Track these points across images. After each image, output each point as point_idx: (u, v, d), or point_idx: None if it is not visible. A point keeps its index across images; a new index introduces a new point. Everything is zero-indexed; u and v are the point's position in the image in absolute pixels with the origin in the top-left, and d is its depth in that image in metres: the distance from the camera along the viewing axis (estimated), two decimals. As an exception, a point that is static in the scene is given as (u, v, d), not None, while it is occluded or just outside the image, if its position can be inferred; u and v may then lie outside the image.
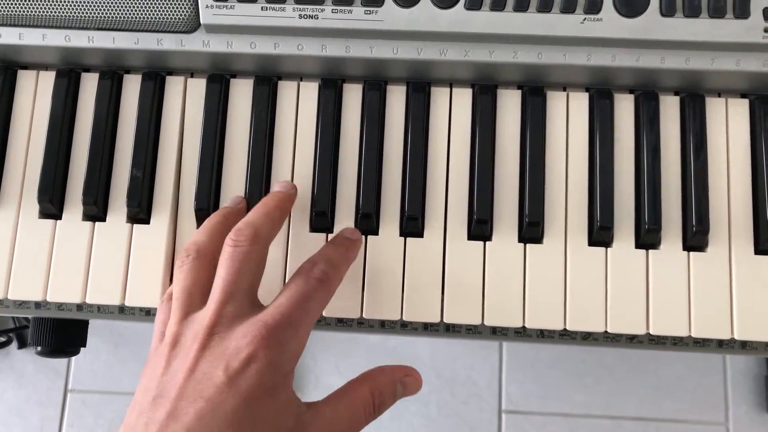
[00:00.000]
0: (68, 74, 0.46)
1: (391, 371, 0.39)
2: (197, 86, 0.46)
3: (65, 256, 0.44)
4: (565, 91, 0.45)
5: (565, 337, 0.44)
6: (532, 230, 0.43)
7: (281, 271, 0.43)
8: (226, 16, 0.42)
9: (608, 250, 0.43)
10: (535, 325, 0.42)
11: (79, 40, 0.44)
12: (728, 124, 0.44)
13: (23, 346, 1.03)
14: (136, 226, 0.44)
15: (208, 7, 0.42)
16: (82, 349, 0.65)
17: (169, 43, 0.43)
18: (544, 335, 0.44)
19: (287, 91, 0.46)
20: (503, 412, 1.01)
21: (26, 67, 0.47)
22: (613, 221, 0.43)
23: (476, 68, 0.44)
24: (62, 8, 0.43)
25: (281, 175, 0.45)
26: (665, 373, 1.01)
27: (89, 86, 0.46)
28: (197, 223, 0.44)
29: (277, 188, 0.43)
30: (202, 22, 0.43)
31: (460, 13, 0.42)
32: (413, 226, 0.43)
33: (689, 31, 0.41)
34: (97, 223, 0.44)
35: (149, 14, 0.43)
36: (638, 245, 0.43)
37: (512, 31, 0.42)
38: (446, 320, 0.42)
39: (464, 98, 0.45)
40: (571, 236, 0.43)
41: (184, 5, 0.43)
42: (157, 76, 0.46)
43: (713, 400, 1.00)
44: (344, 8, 0.42)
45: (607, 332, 0.43)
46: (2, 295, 0.44)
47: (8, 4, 0.43)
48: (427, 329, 0.44)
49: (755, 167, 0.44)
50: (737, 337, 0.42)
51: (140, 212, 0.44)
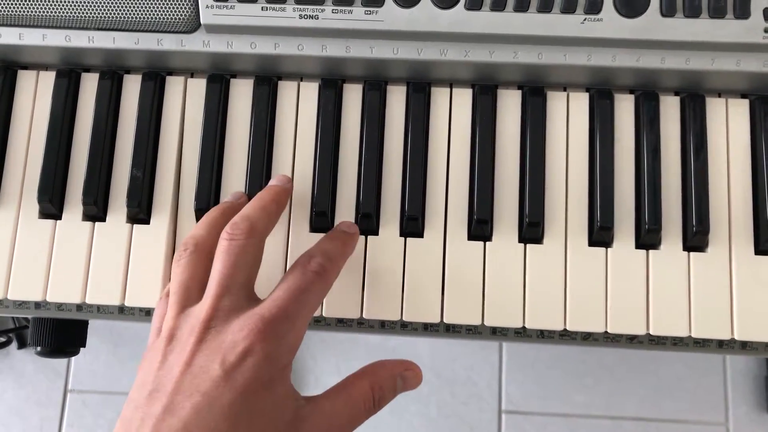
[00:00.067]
0: (68, 74, 0.46)
1: (391, 365, 0.39)
2: (197, 86, 0.46)
3: (65, 256, 0.44)
4: (565, 91, 0.45)
5: (565, 337, 0.44)
6: (532, 230, 0.43)
7: (281, 270, 0.43)
8: (226, 16, 0.42)
9: (608, 250, 0.43)
10: (535, 325, 0.42)
11: (79, 40, 0.44)
12: (728, 124, 0.44)
13: (23, 346, 1.03)
14: (136, 226, 0.44)
15: (208, 7, 0.42)
16: (81, 349, 0.65)
17: (169, 43, 0.43)
18: (544, 335, 0.44)
19: (287, 91, 0.46)
20: (503, 412, 1.01)
21: (26, 67, 0.47)
22: (613, 221, 0.43)
23: (476, 68, 0.44)
24: (62, 8, 0.43)
25: (281, 175, 0.45)
26: (665, 373, 1.01)
27: (89, 86, 0.46)
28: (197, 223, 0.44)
29: (273, 182, 0.43)
30: (202, 22, 0.43)
31: (460, 13, 0.42)
32: (413, 226, 0.43)
33: (689, 31, 0.41)
34: (97, 223, 0.44)
35: (149, 14, 0.43)
36: (638, 245, 0.43)
37: (512, 31, 0.42)
38: (446, 320, 0.42)
39: (464, 98, 0.45)
40: (571, 236, 0.43)
41: (184, 5, 0.43)
42: (157, 76, 0.46)
43: (713, 400, 1.00)
44: (344, 8, 0.42)
45: (607, 332, 0.43)
46: (2, 295, 0.44)
47: (8, 4, 0.43)
48: (427, 329, 0.44)
49: (755, 167, 0.44)
50: (737, 337, 0.42)
51: (140, 212, 0.44)
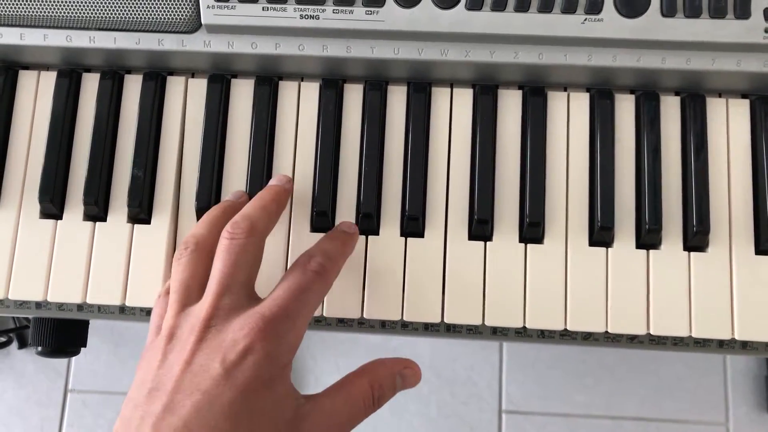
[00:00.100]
0: (69, 74, 0.46)
1: (390, 364, 0.39)
2: (198, 86, 0.46)
3: (66, 256, 0.44)
4: (565, 91, 0.45)
5: (565, 337, 0.44)
6: (532, 230, 0.43)
7: (282, 271, 0.43)
8: (227, 16, 0.42)
9: (609, 250, 0.43)
10: (535, 325, 0.42)
11: (80, 40, 0.44)
12: (729, 124, 0.44)
13: (23, 346, 1.03)
14: (136, 226, 0.44)
15: (209, 7, 0.42)
16: (82, 349, 0.65)
17: (170, 43, 0.44)
18: (544, 335, 0.44)
19: (288, 91, 0.46)
20: (503, 412, 1.01)
21: (27, 67, 0.47)
22: (613, 221, 0.43)
23: (477, 68, 0.44)
24: (63, 8, 0.43)
25: (282, 175, 0.45)
26: (665, 373, 1.01)
27: (90, 86, 0.46)
28: (198, 223, 0.44)
29: (273, 182, 0.43)
30: (203, 22, 0.43)
31: (461, 13, 0.42)
32: (414, 226, 0.43)
33: (690, 31, 0.41)
34: (97, 223, 0.44)
35: (150, 14, 0.43)
36: (639, 245, 0.43)
37: (513, 31, 0.42)
38: (447, 320, 0.43)
39: (465, 98, 0.45)
40: (571, 236, 0.43)
41: (185, 5, 0.43)
42: (158, 76, 0.46)
43: (713, 400, 1.00)
44: (345, 8, 0.42)
45: (607, 332, 0.43)
46: (3, 295, 0.44)
47: (9, 4, 0.43)
48: (427, 329, 0.44)
49: (756, 167, 0.44)
50: (738, 337, 0.42)
51: (141, 212, 0.44)
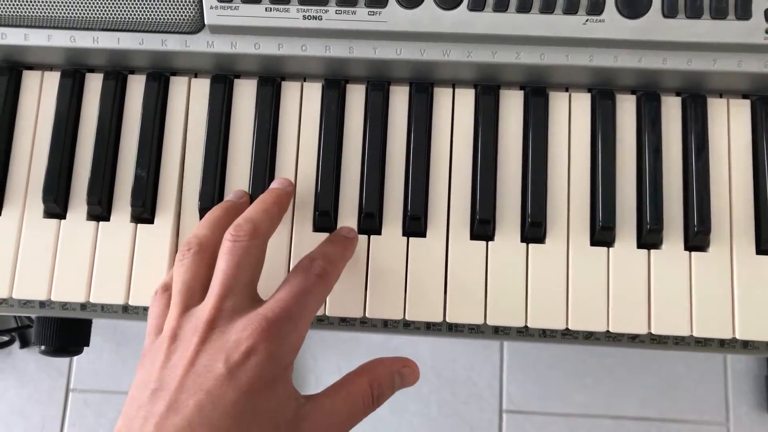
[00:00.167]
0: (73, 74, 0.46)
1: (389, 363, 0.39)
2: (201, 87, 0.46)
3: (69, 255, 0.44)
4: (567, 91, 0.45)
5: (567, 336, 0.44)
6: (534, 230, 0.43)
7: (284, 270, 0.43)
8: (230, 17, 0.42)
9: (610, 250, 0.43)
10: (537, 324, 0.42)
11: (84, 40, 0.44)
12: (730, 124, 0.45)
13: (25, 345, 1.03)
14: (140, 225, 0.44)
15: (212, 8, 0.42)
16: (84, 348, 0.66)
17: (173, 43, 0.44)
18: (546, 335, 0.44)
19: (291, 91, 0.46)
20: (504, 412, 1.01)
21: (31, 67, 0.47)
22: (615, 221, 0.43)
23: (479, 69, 0.44)
24: (67, 9, 0.43)
25: (284, 175, 0.45)
26: (666, 373, 1.01)
27: (94, 86, 0.46)
28: (201, 222, 0.45)
29: (275, 185, 0.43)
30: (206, 22, 0.43)
31: (463, 14, 0.42)
32: (416, 225, 0.43)
33: (691, 32, 0.41)
34: (101, 222, 0.44)
35: (154, 15, 0.43)
36: (640, 245, 0.43)
37: (515, 32, 0.42)
38: (449, 320, 0.43)
39: (467, 99, 0.45)
40: (573, 236, 0.43)
41: (188, 6, 0.43)
42: (161, 76, 0.46)
43: (714, 400, 1.00)
44: (348, 9, 0.42)
45: (609, 332, 0.43)
46: (7, 294, 0.44)
47: (14, 4, 0.43)
48: (429, 329, 0.44)
49: (757, 167, 0.44)
50: (739, 336, 0.42)
51: (144, 212, 0.44)
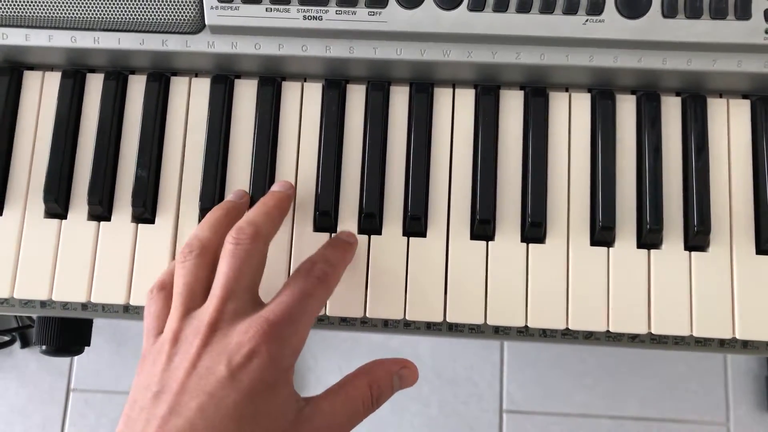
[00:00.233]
0: (74, 75, 0.46)
1: (388, 364, 0.39)
2: (202, 87, 0.46)
3: (70, 255, 0.44)
4: (567, 91, 0.45)
5: (567, 336, 0.44)
6: (534, 230, 0.43)
7: (285, 269, 0.44)
8: (230, 17, 0.43)
9: (610, 249, 0.43)
10: (537, 324, 0.43)
11: (84, 41, 0.44)
12: (730, 124, 0.45)
13: (26, 345, 1.04)
14: (141, 225, 0.44)
15: (213, 8, 0.43)
16: (85, 348, 0.66)
17: (174, 43, 0.44)
18: (546, 334, 0.44)
19: (291, 91, 0.46)
20: (504, 412, 1.02)
21: (32, 67, 0.47)
22: (615, 221, 0.43)
23: (479, 69, 0.44)
24: (68, 9, 0.43)
25: (285, 175, 0.45)
26: (666, 373, 1.01)
27: (94, 87, 0.46)
28: (201, 222, 0.45)
29: (276, 188, 0.43)
30: (207, 23, 0.43)
31: (463, 14, 0.42)
32: (416, 225, 0.44)
33: (691, 32, 0.41)
34: (102, 222, 0.45)
35: (154, 15, 0.43)
36: (640, 245, 0.43)
37: (515, 32, 0.42)
38: (449, 319, 0.43)
39: (467, 99, 0.45)
40: (573, 236, 0.43)
41: (189, 6, 0.43)
42: (161, 76, 0.46)
43: (714, 400, 1.00)
44: (348, 9, 0.42)
45: (609, 331, 0.43)
46: (8, 293, 0.44)
47: (15, 5, 0.43)
48: (430, 328, 0.44)
49: (756, 167, 0.44)
50: (739, 336, 0.42)
51: (145, 212, 0.44)
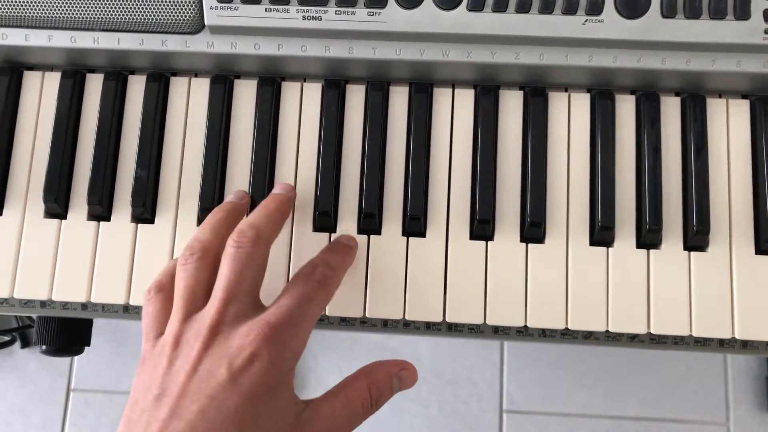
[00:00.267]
0: (74, 75, 0.46)
1: (387, 366, 0.39)
2: (201, 87, 0.46)
3: (70, 255, 0.44)
4: (566, 91, 0.46)
5: (566, 336, 0.44)
6: (533, 230, 0.43)
7: (284, 269, 0.44)
8: (230, 17, 0.43)
9: (609, 249, 0.43)
10: (536, 324, 0.43)
11: (84, 41, 0.44)
12: (729, 124, 0.45)
13: (26, 345, 1.04)
14: (140, 225, 0.44)
15: (212, 8, 0.43)
16: (85, 348, 0.66)
17: (173, 44, 0.44)
18: (545, 334, 0.44)
19: (291, 91, 0.46)
20: (504, 411, 1.02)
21: (32, 67, 0.47)
22: (614, 221, 0.43)
23: (478, 69, 0.44)
24: (68, 9, 0.43)
25: (284, 175, 0.45)
26: (666, 373, 1.01)
27: (94, 87, 0.46)
28: (200, 224, 0.44)
29: (277, 190, 0.43)
30: (206, 23, 0.43)
31: (462, 14, 0.42)
32: (416, 225, 0.44)
33: (690, 32, 0.41)
34: (101, 222, 0.45)
35: (154, 15, 0.43)
36: (639, 245, 0.43)
37: (514, 32, 0.42)
38: (448, 319, 0.43)
39: (466, 99, 0.45)
40: (572, 236, 0.43)
41: (188, 7, 0.43)
42: (161, 76, 0.46)
43: (714, 400, 1.00)
44: (347, 9, 0.42)
45: (608, 331, 0.43)
46: (8, 293, 0.44)
47: (14, 5, 0.43)
48: (429, 328, 0.44)
49: (756, 167, 0.44)
50: (738, 336, 0.42)
51: (145, 212, 0.44)
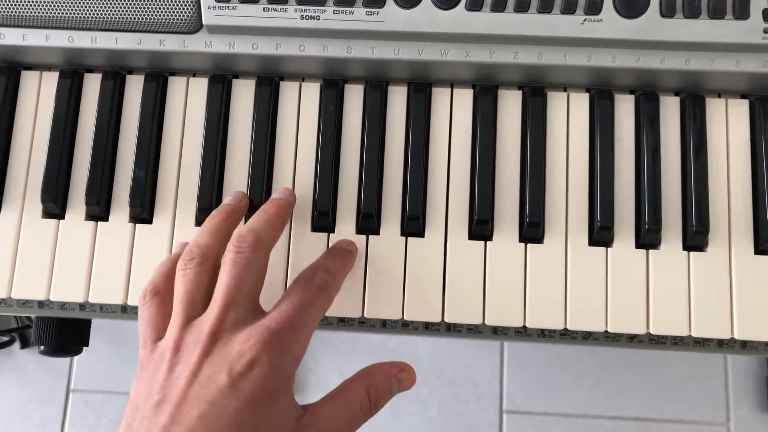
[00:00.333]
0: (71, 75, 0.46)
1: (385, 368, 0.39)
2: (199, 87, 0.46)
3: (68, 255, 0.44)
4: (565, 91, 0.45)
5: (565, 336, 0.44)
6: (532, 230, 0.43)
7: (283, 270, 0.43)
8: (228, 17, 0.42)
9: (609, 249, 0.43)
10: (535, 324, 0.42)
11: (82, 40, 0.44)
12: (728, 124, 0.45)
13: (26, 345, 1.04)
14: (138, 225, 0.44)
15: (210, 8, 0.43)
16: (84, 348, 0.66)
17: (171, 43, 0.44)
18: (544, 335, 0.44)
19: (289, 91, 0.46)
20: (504, 412, 1.01)
21: (30, 67, 0.47)
22: (613, 221, 0.43)
23: (477, 69, 0.44)
24: (66, 9, 0.43)
25: (283, 175, 0.45)
26: (666, 373, 1.01)
27: (92, 87, 0.46)
28: (198, 224, 0.45)
29: (277, 195, 0.43)
30: (204, 22, 0.43)
31: (460, 14, 0.42)
32: (414, 225, 0.43)
33: (689, 31, 0.41)
34: (99, 222, 0.45)
35: (152, 15, 0.43)
36: (638, 245, 0.43)
37: (513, 31, 0.42)
38: (447, 320, 0.43)
39: (465, 99, 0.45)
40: (571, 236, 0.43)
41: (186, 6, 0.43)
42: (159, 76, 0.46)
43: (714, 400, 1.00)
44: (345, 9, 0.42)
45: (607, 332, 0.43)
46: (6, 294, 0.44)
47: (12, 5, 0.43)
48: (428, 329, 0.44)
49: (755, 167, 0.44)
50: (737, 336, 0.42)
51: (143, 212, 0.44)
